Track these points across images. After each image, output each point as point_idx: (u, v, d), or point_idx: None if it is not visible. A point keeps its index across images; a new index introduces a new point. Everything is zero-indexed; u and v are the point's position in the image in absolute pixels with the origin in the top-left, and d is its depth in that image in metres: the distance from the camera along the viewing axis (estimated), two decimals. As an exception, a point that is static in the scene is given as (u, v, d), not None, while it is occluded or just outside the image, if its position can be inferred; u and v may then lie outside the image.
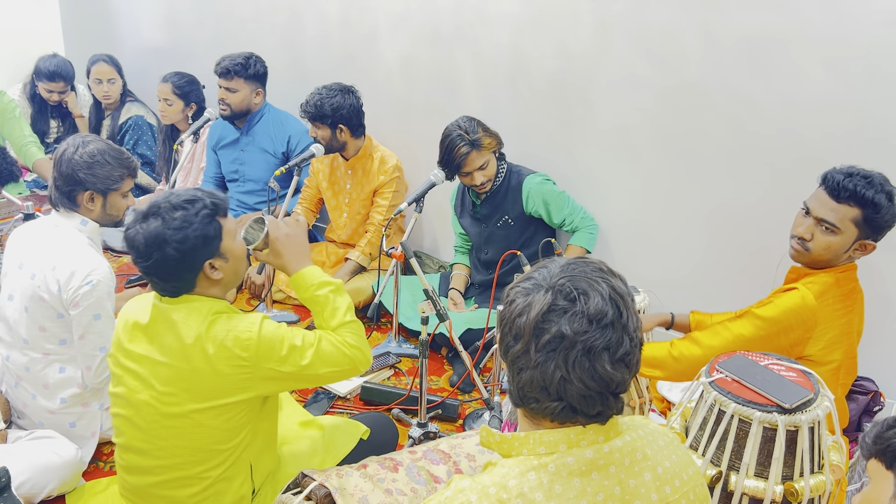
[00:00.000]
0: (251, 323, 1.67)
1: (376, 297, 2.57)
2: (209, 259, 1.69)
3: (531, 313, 1.09)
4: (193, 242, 1.64)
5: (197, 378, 1.68)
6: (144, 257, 1.65)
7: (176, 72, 3.84)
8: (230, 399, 1.69)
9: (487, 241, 3.05)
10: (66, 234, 2.21)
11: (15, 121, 4.03)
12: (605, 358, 1.08)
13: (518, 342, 1.11)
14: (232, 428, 1.73)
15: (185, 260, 1.65)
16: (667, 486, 1.17)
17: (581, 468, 1.11)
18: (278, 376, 1.70)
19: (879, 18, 2.25)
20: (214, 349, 1.65)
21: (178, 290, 1.71)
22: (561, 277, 1.11)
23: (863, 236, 1.94)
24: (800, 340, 1.96)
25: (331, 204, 3.44)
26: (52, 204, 2.25)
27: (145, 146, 4.23)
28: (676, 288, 2.78)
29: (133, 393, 1.74)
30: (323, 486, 1.69)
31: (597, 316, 1.08)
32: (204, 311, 1.69)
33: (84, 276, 2.11)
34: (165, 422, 1.71)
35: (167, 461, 1.75)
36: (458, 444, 1.91)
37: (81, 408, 2.25)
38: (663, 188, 2.84)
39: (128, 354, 1.75)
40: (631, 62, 2.78)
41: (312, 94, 3.14)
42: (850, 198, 1.90)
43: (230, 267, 1.74)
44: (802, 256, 2.01)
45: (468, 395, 2.72)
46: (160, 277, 1.68)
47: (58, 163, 2.20)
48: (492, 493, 1.09)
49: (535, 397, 1.12)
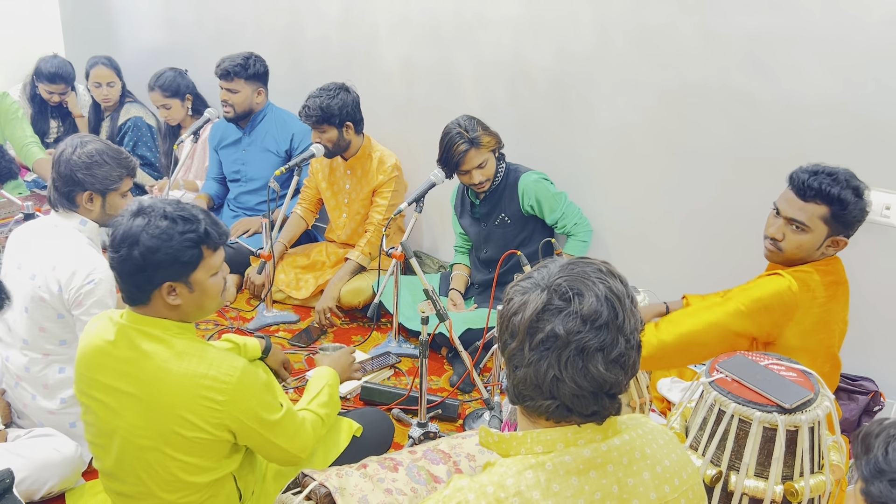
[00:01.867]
0: (229, 367, 1.61)
1: (376, 297, 2.57)
2: (171, 281, 1.60)
3: (526, 312, 1.10)
4: (161, 258, 1.57)
5: (160, 413, 1.61)
6: (115, 249, 1.59)
7: (155, 75, 3.82)
8: (191, 434, 1.62)
9: (486, 239, 3.05)
10: (66, 234, 2.20)
11: (17, 122, 4.03)
12: (598, 359, 1.08)
13: (514, 340, 1.12)
14: (204, 463, 1.67)
15: (146, 271, 1.57)
16: (666, 485, 1.17)
17: (579, 466, 1.11)
18: (242, 429, 1.65)
19: (879, 18, 2.25)
20: (185, 386, 1.59)
21: (132, 298, 1.64)
22: (558, 277, 1.12)
23: (833, 232, 1.95)
24: (779, 322, 1.95)
25: (330, 204, 3.44)
26: (52, 204, 2.24)
27: (145, 147, 4.22)
28: (676, 287, 2.77)
29: (103, 423, 1.68)
30: (323, 485, 1.69)
31: (591, 316, 1.08)
32: (175, 344, 1.62)
33: (85, 276, 2.11)
34: (138, 453, 1.66)
35: (142, 489, 1.70)
36: (458, 444, 1.91)
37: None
38: (663, 188, 2.84)
39: (92, 384, 1.67)
40: (631, 63, 2.78)
41: (311, 98, 3.10)
42: (817, 196, 1.92)
43: (194, 299, 1.64)
44: (776, 256, 2.03)
45: (468, 395, 2.72)
46: (120, 275, 1.61)
47: (56, 163, 2.19)
48: (489, 492, 1.09)
49: (530, 395, 1.13)
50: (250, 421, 1.65)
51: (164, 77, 3.81)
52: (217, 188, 3.80)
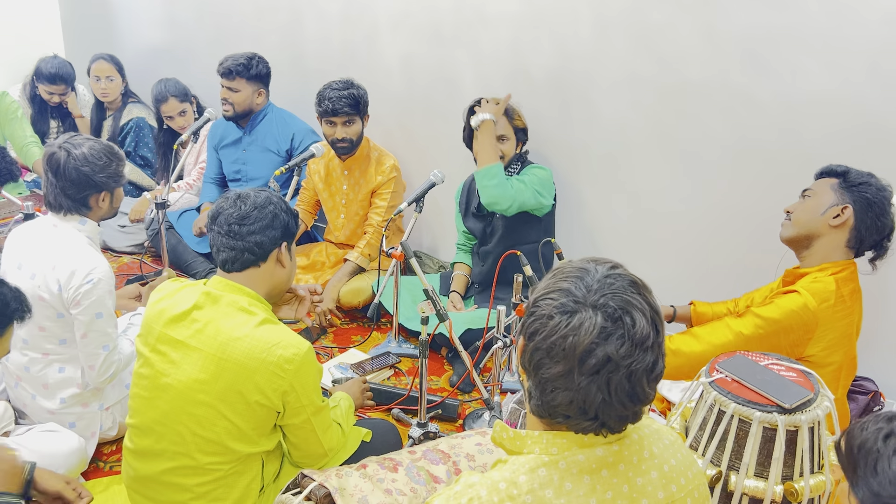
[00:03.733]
0: (299, 343, 1.72)
1: (376, 298, 2.57)
2: (287, 241, 1.84)
3: (580, 336, 1.05)
4: (285, 219, 1.82)
5: (228, 371, 1.70)
6: (258, 208, 1.80)
7: (160, 87, 3.80)
8: (253, 397, 1.70)
9: (490, 234, 3.04)
10: (65, 233, 2.20)
11: (17, 121, 4.03)
12: (644, 380, 1.07)
13: (558, 364, 1.06)
14: (250, 431, 1.74)
15: (276, 228, 1.80)
16: (673, 485, 1.17)
17: (591, 465, 1.11)
18: (293, 402, 1.74)
19: (879, 18, 2.25)
20: (258, 350, 1.69)
21: (246, 262, 1.78)
22: (602, 295, 1.07)
23: (839, 200, 2.02)
24: (799, 341, 1.97)
25: (327, 205, 3.44)
26: (54, 209, 2.21)
27: (146, 148, 4.22)
28: (676, 287, 2.78)
29: (160, 376, 1.75)
30: (323, 486, 1.69)
31: (641, 340, 1.05)
32: (255, 313, 1.75)
33: (85, 275, 2.11)
34: (189, 408, 1.72)
35: (180, 447, 1.75)
36: (457, 444, 1.91)
37: (81, 408, 2.25)
38: (663, 187, 2.84)
39: (161, 338, 1.76)
40: (631, 61, 2.78)
41: (335, 91, 3.04)
42: (828, 173, 2.10)
43: (288, 270, 1.87)
44: (786, 229, 2.11)
45: (468, 395, 2.72)
46: (249, 233, 1.77)
47: (60, 170, 2.15)
48: (502, 489, 1.09)
49: (568, 415, 1.09)
50: (305, 397, 1.74)
51: (170, 84, 3.80)
52: (217, 193, 3.76)
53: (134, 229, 3.84)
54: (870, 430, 1.11)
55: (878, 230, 2.02)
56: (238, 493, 1.80)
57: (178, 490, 1.78)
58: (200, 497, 1.77)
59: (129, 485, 1.89)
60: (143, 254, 3.75)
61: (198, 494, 1.77)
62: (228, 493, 1.78)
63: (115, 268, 3.67)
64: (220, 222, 1.77)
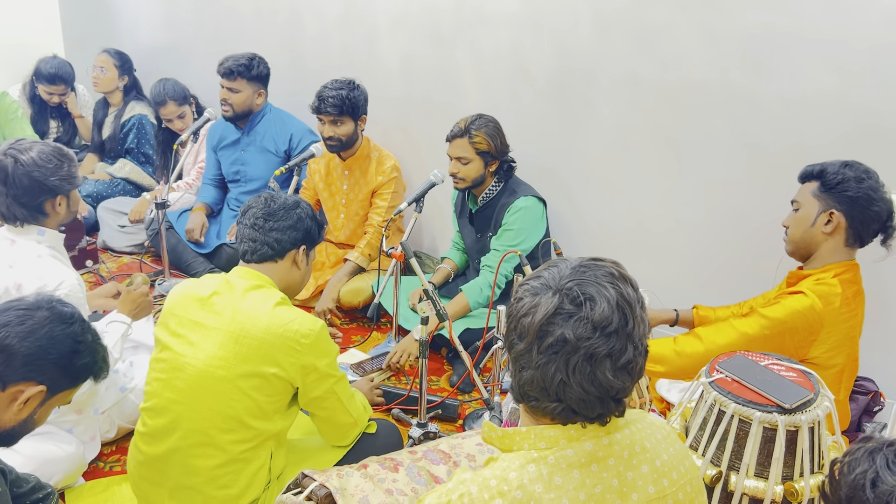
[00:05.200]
0: (314, 321, 1.83)
1: (376, 298, 2.57)
2: (307, 245, 1.96)
3: (537, 315, 1.09)
4: (309, 224, 1.95)
5: (247, 347, 1.77)
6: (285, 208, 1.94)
7: (157, 89, 3.80)
8: (270, 370, 1.77)
9: (481, 252, 2.98)
10: (25, 250, 2.15)
11: (17, 121, 4.03)
12: (606, 365, 1.08)
13: (522, 341, 1.11)
14: (267, 406, 1.80)
15: (298, 230, 1.93)
16: (664, 479, 1.18)
17: (580, 460, 1.12)
18: (312, 375, 1.82)
19: (879, 18, 2.25)
20: (275, 325, 1.78)
21: (266, 255, 1.89)
22: (570, 280, 1.11)
23: (824, 207, 2.02)
24: (804, 343, 1.97)
25: (327, 205, 3.44)
26: (9, 220, 2.15)
27: (148, 145, 4.22)
28: (676, 287, 2.78)
29: (178, 357, 1.82)
30: (323, 486, 1.69)
31: (601, 323, 1.07)
32: (273, 294, 1.86)
33: (53, 288, 2.07)
34: (208, 384, 1.78)
35: (195, 424, 1.78)
36: (458, 444, 1.91)
37: (75, 415, 2.22)
38: (663, 187, 2.84)
39: (182, 322, 1.84)
40: (631, 61, 2.78)
41: (328, 90, 3.03)
42: (806, 176, 2.10)
43: (305, 272, 2.00)
44: (788, 245, 2.13)
45: (468, 395, 2.72)
46: (273, 230, 1.89)
47: (9, 178, 2.09)
48: (492, 485, 1.10)
49: (535, 396, 1.13)
50: (324, 367, 1.83)
51: (168, 86, 3.79)
52: (214, 194, 3.75)
53: (134, 229, 3.84)
54: (856, 472, 1.10)
55: (873, 220, 2.00)
56: (244, 482, 1.81)
57: (186, 472, 1.80)
58: (208, 482, 1.79)
59: (135, 471, 1.90)
60: (143, 254, 3.75)
61: (206, 479, 1.79)
62: (235, 481, 1.80)
63: (114, 268, 3.67)
64: (248, 216, 1.91)
